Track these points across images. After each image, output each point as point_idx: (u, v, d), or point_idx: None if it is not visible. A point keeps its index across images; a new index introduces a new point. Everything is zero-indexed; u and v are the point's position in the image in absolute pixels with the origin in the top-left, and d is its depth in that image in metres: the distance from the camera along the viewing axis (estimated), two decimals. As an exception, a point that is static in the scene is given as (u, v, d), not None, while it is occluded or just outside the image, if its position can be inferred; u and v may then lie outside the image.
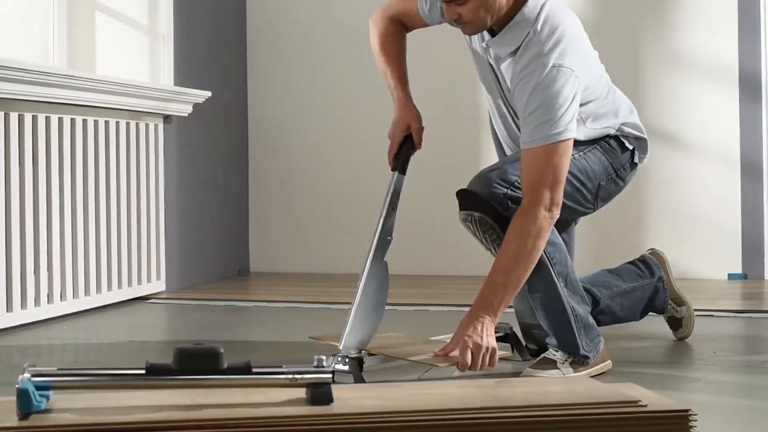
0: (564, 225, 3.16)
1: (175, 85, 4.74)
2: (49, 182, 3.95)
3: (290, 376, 1.65)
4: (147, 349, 3.50)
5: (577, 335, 2.88)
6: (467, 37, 2.95)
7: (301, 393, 1.70)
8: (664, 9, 5.16)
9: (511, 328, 3.19)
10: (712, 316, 4.01)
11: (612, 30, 5.21)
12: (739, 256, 5.07)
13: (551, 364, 2.86)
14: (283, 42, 5.48)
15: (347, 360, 2.79)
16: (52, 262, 3.95)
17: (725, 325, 3.83)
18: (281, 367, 1.68)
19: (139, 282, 4.50)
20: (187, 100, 4.70)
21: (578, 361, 2.88)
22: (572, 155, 2.85)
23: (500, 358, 2.75)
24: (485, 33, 2.89)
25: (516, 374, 2.89)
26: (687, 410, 1.67)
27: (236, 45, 5.42)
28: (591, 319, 2.95)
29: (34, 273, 3.84)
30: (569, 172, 2.84)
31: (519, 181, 2.80)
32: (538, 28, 2.79)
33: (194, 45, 4.98)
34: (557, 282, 2.86)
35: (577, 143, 2.90)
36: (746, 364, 3.12)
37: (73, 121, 4.10)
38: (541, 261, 2.81)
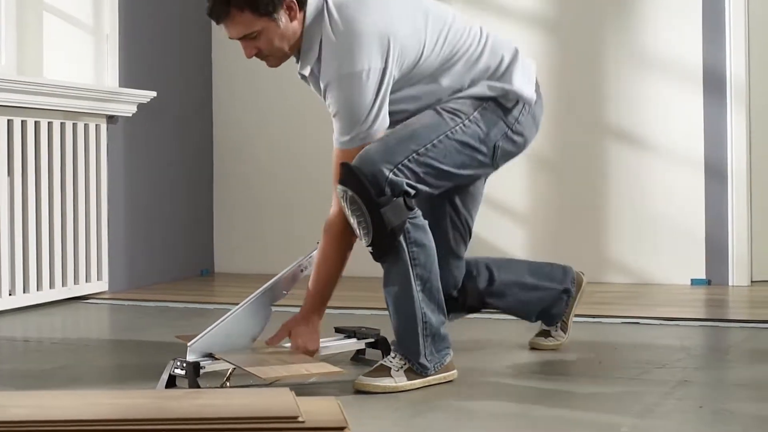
0: (471, 185, 3.08)
1: (122, 85, 4.75)
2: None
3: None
4: (35, 349, 3.51)
5: (421, 342, 2.80)
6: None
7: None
8: (626, 5, 5.02)
9: (379, 332, 3.12)
10: (637, 323, 3.88)
11: (572, 27, 5.08)
12: (702, 262, 4.90)
13: (386, 371, 2.78)
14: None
15: (184, 365, 2.75)
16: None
17: (642, 334, 3.69)
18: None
19: (76, 282, 4.51)
20: (130, 101, 4.70)
21: (416, 369, 2.79)
22: (464, 121, 2.83)
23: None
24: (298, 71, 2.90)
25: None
26: (343, 428, 1.59)
27: (200, 45, 5.41)
28: (443, 330, 2.86)
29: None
30: (460, 141, 2.82)
31: (402, 163, 2.75)
32: (328, 32, 2.76)
33: (144, 45, 4.97)
34: (414, 284, 2.80)
35: (465, 107, 2.85)
36: (621, 375, 2.99)
37: (10, 122, 4.17)
38: (401, 259, 2.78)
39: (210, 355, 2.82)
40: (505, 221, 5.17)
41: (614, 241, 5.04)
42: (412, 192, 2.77)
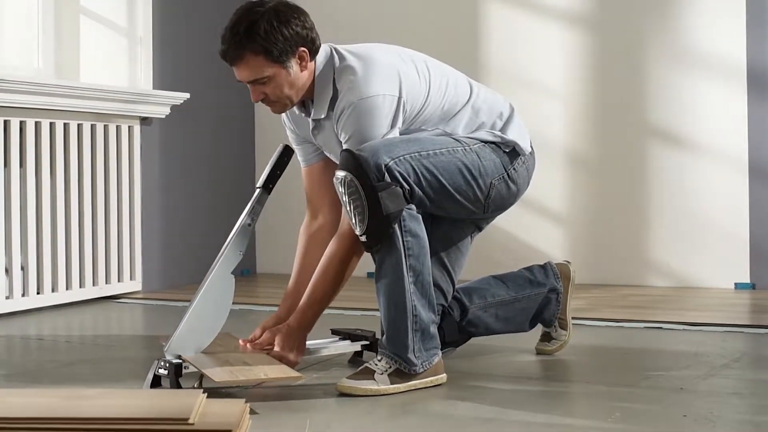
0: (458, 229, 3.06)
1: (156, 87, 4.80)
2: (26, 183, 4.21)
3: None
4: (44, 347, 3.55)
5: (410, 336, 2.75)
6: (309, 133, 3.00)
7: None
8: (668, 3, 4.90)
9: (374, 334, 3.09)
10: (660, 328, 3.78)
11: (614, 25, 4.98)
12: (747, 265, 4.76)
13: (369, 374, 2.74)
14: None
15: (167, 365, 2.75)
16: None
17: (660, 339, 3.60)
18: None
19: (107, 281, 4.56)
20: (164, 102, 4.74)
21: (403, 368, 2.75)
22: (465, 147, 2.86)
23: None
24: (310, 120, 2.94)
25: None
26: (229, 431, 1.57)
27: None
28: (433, 329, 2.81)
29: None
30: (461, 161, 2.84)
31: (403, 156, 2.75)
32: (342, 67, 2.82)
33: (178, 47, 5.01)
34: (406, 274, 2.75)
35: (467, 140, 2.90)
36: (617, 381, 2.91)
37: (38, 124, 4.26)
38: (395, 248, 2.74)
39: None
40: (545, 222, 5.09)
41: (655, 243, 4.92)
42: (408, 188, 2.75)
